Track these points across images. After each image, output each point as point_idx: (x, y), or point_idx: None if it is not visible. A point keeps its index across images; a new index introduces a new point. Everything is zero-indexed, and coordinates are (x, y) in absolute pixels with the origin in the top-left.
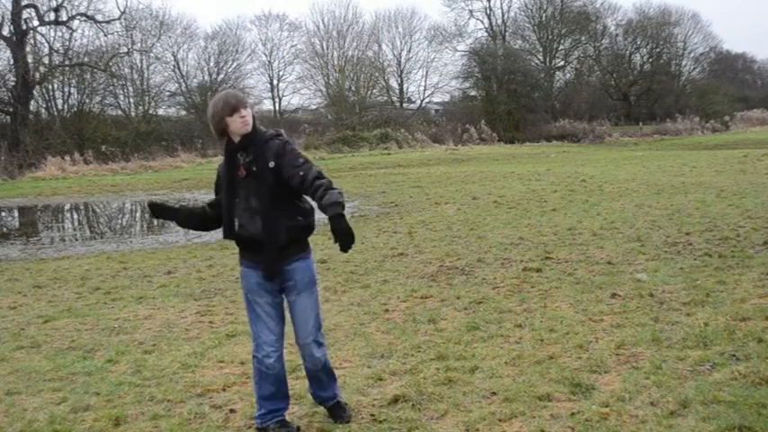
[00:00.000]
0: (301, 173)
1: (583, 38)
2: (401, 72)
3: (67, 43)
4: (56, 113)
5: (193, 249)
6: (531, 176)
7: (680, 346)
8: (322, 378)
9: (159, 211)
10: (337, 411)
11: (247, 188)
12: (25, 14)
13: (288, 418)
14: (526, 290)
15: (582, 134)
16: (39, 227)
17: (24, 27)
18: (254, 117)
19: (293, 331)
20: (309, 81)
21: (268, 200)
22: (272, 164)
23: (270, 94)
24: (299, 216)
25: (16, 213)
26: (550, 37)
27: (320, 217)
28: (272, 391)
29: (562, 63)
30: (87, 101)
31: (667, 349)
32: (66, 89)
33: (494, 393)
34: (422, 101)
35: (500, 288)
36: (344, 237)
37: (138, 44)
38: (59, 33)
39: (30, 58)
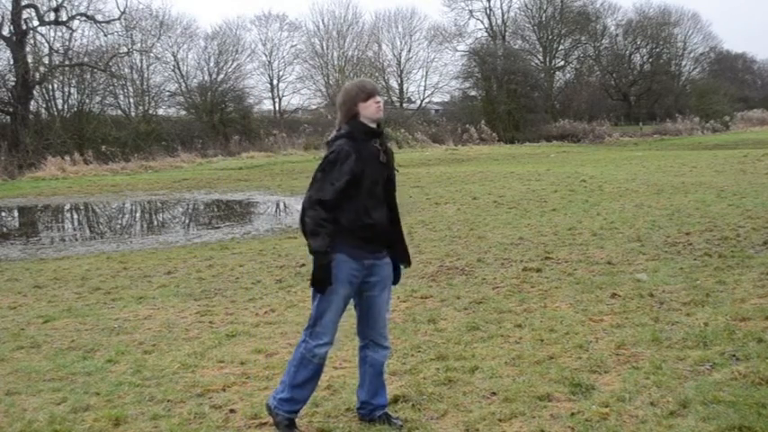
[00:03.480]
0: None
1: (583, 38)
2: (401, 72)
3: (67, 43)
4: (56, 113)
5: (193, 249)
6: (530, 176)
7: (680, 346)
8: (383, 379)
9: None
10: (390, 417)
11: (376, 175)
12: (25, 14)
13: None
14: (526, 290)
15: (582, 134)
16: (39, 227)
17: (24, 27)
18: None
19: (364, 326)
20: (309, 81)
21: (386, 193)
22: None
23: (270, 94)
24: None
25: (16, 213)
26: (550, 37)
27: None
28: (307, 378)
29: (562, 63)
30: (87, 101)
31: (667, 349)
32: (66, 89)
33: (494, 393)
34: (422, 101)
35: (500, 288)
36: (398, 271)
37: (138, 44)
38: (59, 33)
39: (30, 58)
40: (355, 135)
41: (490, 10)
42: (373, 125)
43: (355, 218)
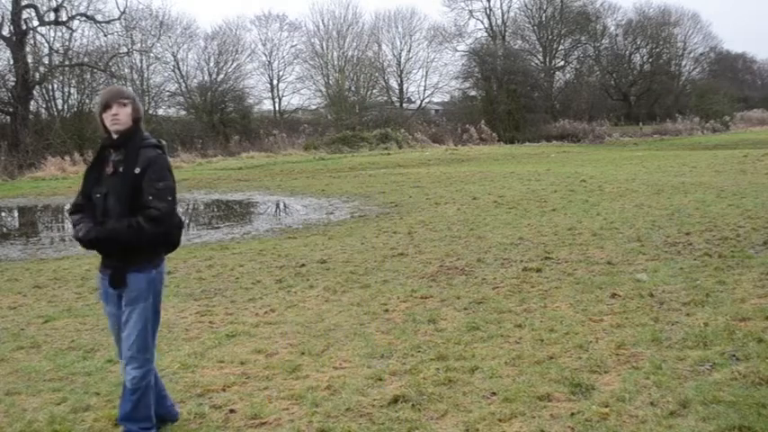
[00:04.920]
0: (150, 197)
1: (583, 38)
2: (401, 72)
3: (67, 43)
4: (56, 113)
5: (193, 249)
6: (531, 176)
7: (680, 346)
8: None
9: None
10: None
11: (109, 187)
12: (25, 14)
13: (288, 417)
14: (526, 290)
15: (582, 134)
16: (39, 227)
17: (24, 27)
18: (138, 120)
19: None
20: (309, 81)
21: (124, 204)
22: (137, 170)
23: (270, 95)
24: None
25: (16, 213)
26: (550, 37)
27: (319, 217)
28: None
29: (562, 63)
30: (87, 101)
31: (667, 349)
32: (66, 89)
33: (494, 393)
34: (422, 101)
35: (500, 288)
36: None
37: (138, 44)
38: (59, 33)
39: (30, 59)
40: (100, 145)
41: (490, 10)
42: (114, 135)
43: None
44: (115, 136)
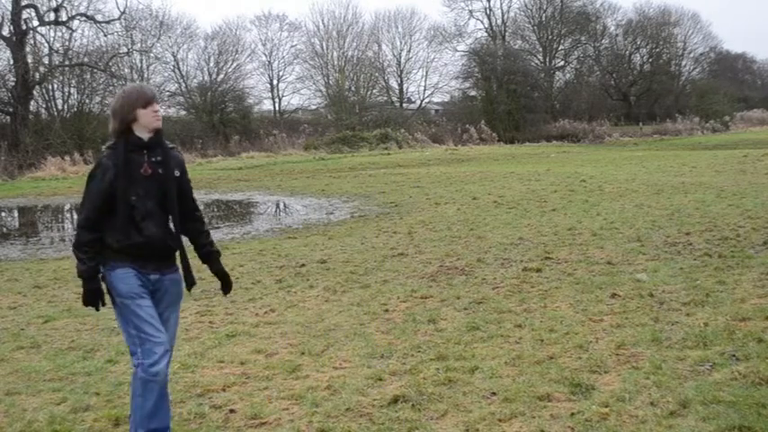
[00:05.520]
0: (193, 200)
1: (583, 38)
2: (401, 72)
3: (67, 43)
4: (56, 113)
5: (193, 249)
6: (530, 176)
7: (680, 346)
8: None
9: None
10: None
11: (147, 189)
12: (25, 14)
13: (288, 417)
14: (526, 290)
15: (582, 134)
16: (39, 227)
17: (24, 27)
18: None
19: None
20: (309, 81)
21: (170, 207)
22: (177, 173)
23: (270, 95)
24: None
25: (16, 213)
26: (550, 37)
27: (319, 218)
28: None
29: (562, 63)
30: (87, 101)
31: (667, 349)
32: (66, 89)
33: (494, 393)
34: (422, 101)
35: (500, 288)
36: (229, 278)
37: (138, 44)
38: (59, 33)
39: (30, 59)
40: (120, 147)
41: (490, 10)
42: (145, 136)
43: (123, 237)
44: (148, 135)
